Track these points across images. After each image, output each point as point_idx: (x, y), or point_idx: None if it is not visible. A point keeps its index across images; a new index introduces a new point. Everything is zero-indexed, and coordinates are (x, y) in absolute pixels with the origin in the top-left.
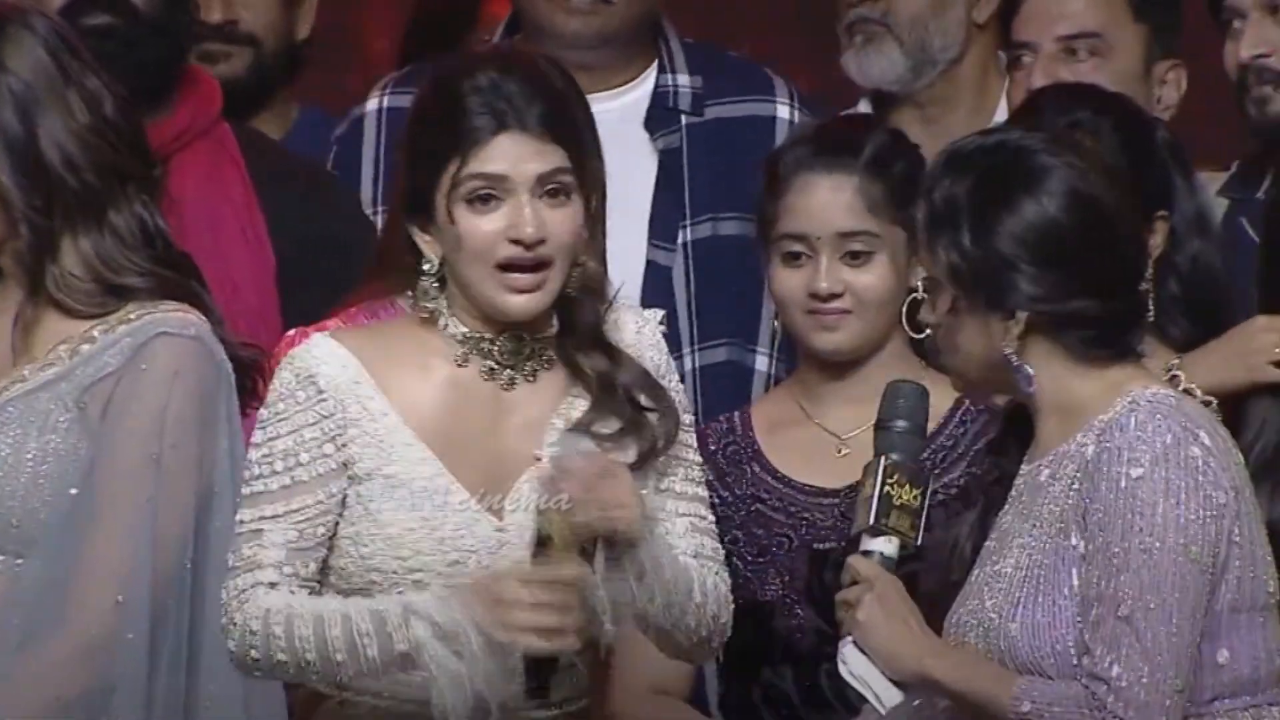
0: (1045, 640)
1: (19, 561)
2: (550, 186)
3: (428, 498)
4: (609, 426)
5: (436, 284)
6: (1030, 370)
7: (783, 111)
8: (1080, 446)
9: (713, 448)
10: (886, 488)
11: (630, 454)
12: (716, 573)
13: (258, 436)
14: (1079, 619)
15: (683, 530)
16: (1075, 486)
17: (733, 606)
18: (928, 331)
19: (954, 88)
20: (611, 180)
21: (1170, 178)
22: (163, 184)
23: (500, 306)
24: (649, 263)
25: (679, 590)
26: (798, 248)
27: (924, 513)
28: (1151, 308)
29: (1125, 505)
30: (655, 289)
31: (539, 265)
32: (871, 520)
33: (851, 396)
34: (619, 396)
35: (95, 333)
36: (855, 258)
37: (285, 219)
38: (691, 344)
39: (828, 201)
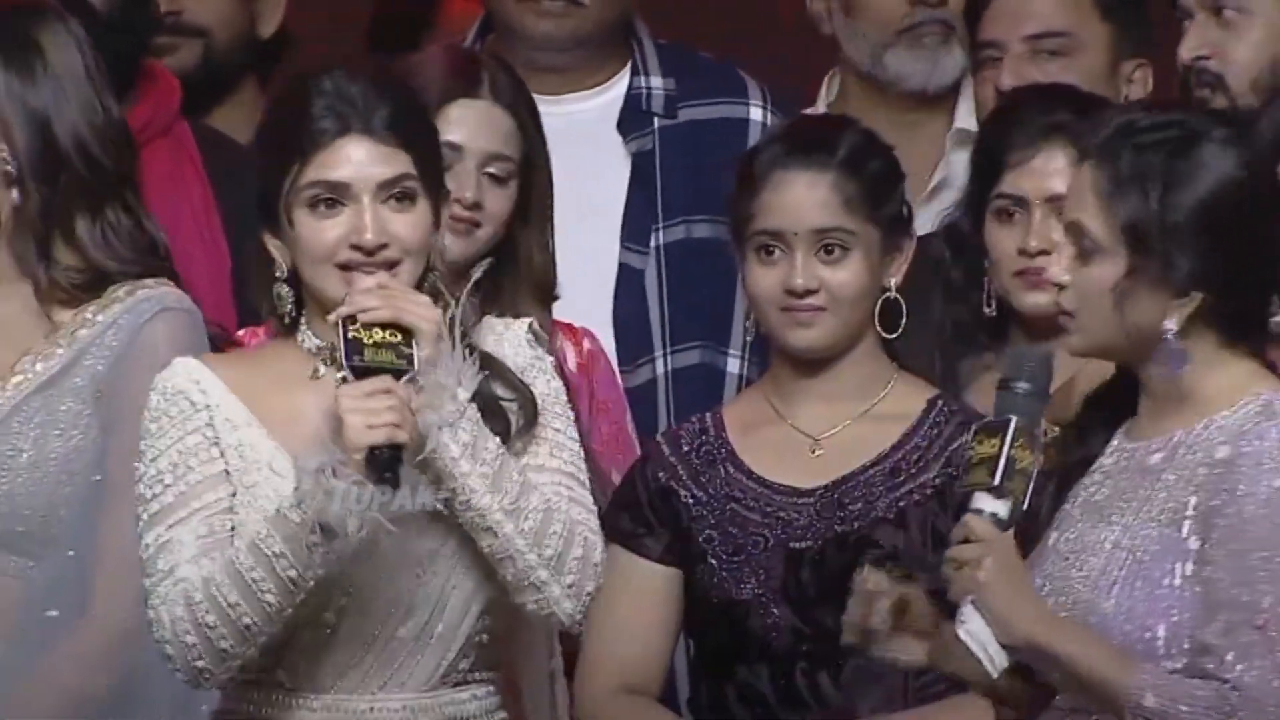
0: (1138, 625)
1: (32, 564)
2: (395, 191)
3: None
4: None
5: (289, 290)
6: (1186, 352)
7: (755, 113)
8: (1205, 441)
9: (685, 448)
10: (1014, 450)
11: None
12: (592, 530)
13: (140, 463)
14: (1174, 612)
15: (544, 482)
16: (1199, 484)
17: (600, 570)
18: (899, 332)
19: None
20: (584, 182)
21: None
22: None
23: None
24: (621, 265)
25: (515, 481)
26: (773, 244)
27: (1032, 481)
28: None
29: (1266, 516)
30: (627, 291)
31: (384, 267)
32: (996, 480)
33: (823, 395)
34: (476, 390)
35: (88, 314)
36: (830, 254)
37: (242, 218)
38: (664, 347)
39: (803, 198)
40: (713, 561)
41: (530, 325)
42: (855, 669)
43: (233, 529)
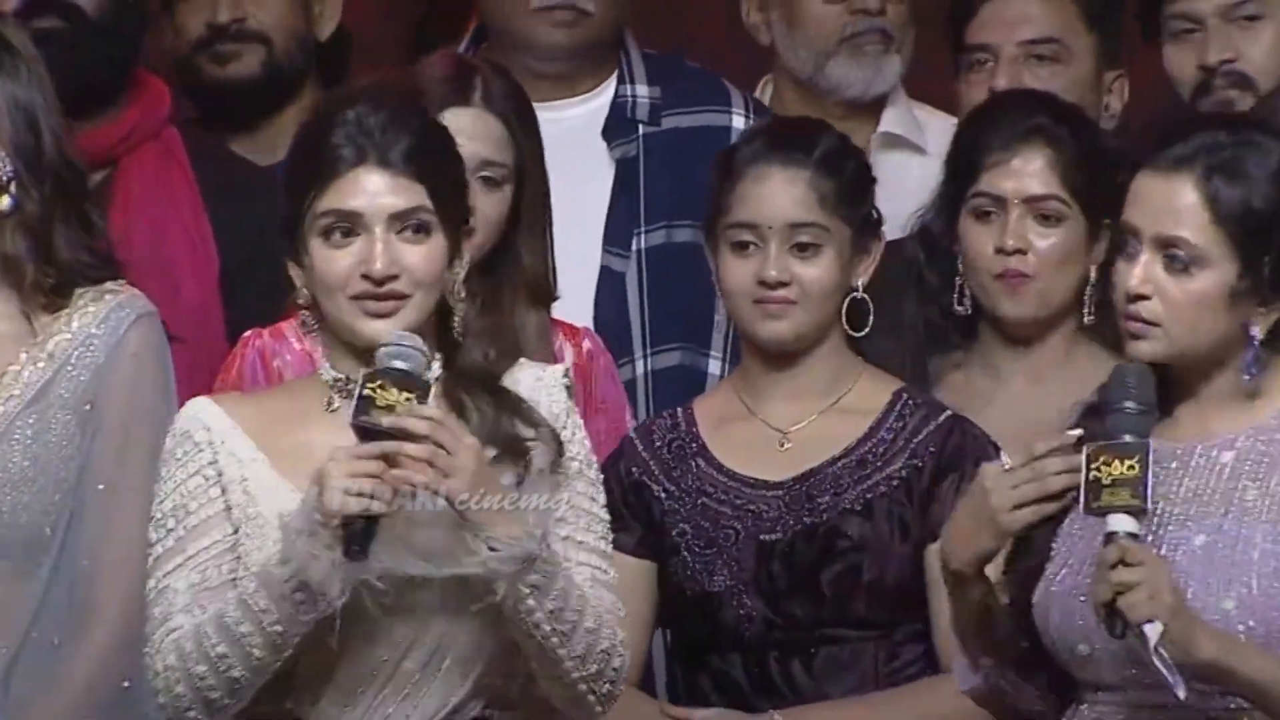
0: (1261, 620)
1: (29, 573)
2: (410, 223)
3: None
4: (487, 454)
5: (313, 318)
6: (1264, 356)
7: (738, 122)
8: None
9: (658, 443)
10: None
11: (508, 477)
12: (620, 628)
13: (153, 506)
14: None
15: (584, 580)
16: None
17: (627, 669)
18: (865, 331)
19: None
20: (568, 187)
21: (1117, 184)
22: (110, 185)
23: (358, 332)
24: (603, 268)
25: (570, 595)
26: (748, 237)
27: (1144, 481)
28: (1093, 311)
29: None
30: (609, 294)
31: (394, 298)
32: (1147, 503)
33: (791, 390)
34: (496, 427)
35: (62, 323)
36: (803, 250)
37: (234, 225)
38: (644, 348)
39: (780, 193)
40: (686, 555)
41: (566, 373)
42: (827, 657)
43: (230, 572)
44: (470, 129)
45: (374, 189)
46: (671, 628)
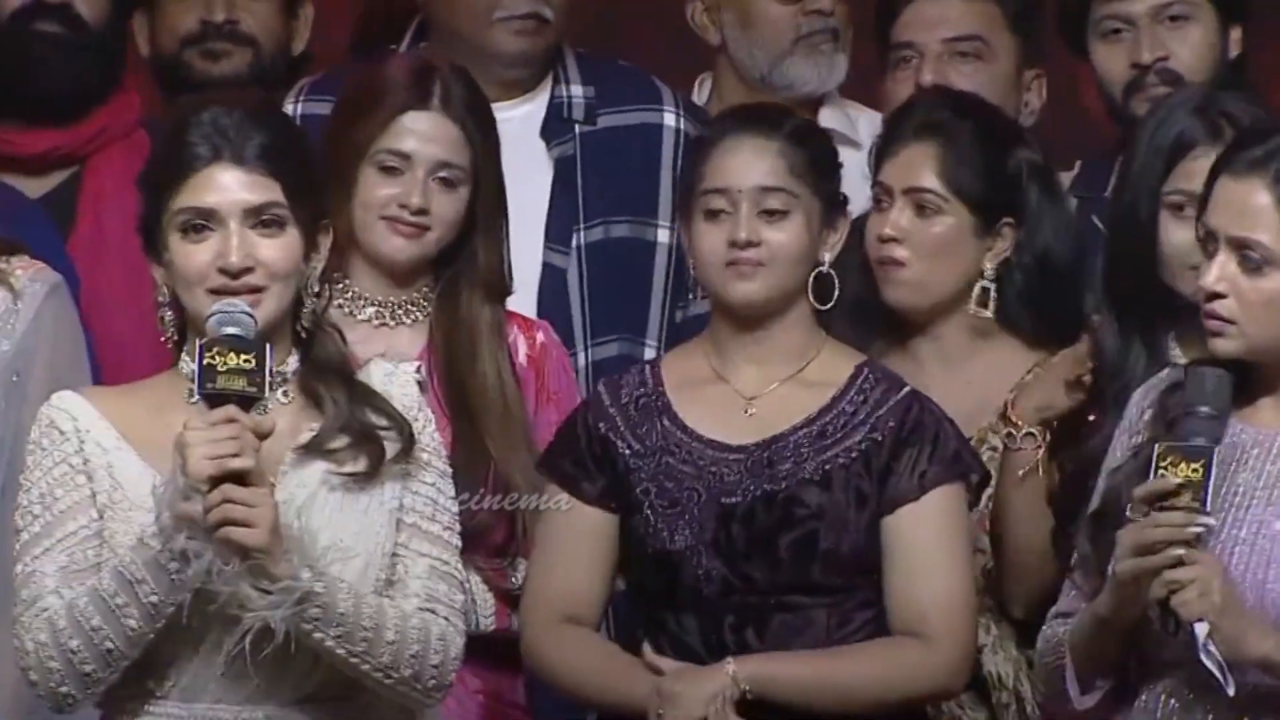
0: None
1: None
2: (263, 218)
3: None
4: (339, 443)
5: (171, 315)
6: None
7: (669, 119)
8: None
9: (625, 399)
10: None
11: (361, 464)
12: (446, 618)
13: (20, 494)
14: None
15: (421, 571)
16: None
17: (458, 659)
18: (831, 304)
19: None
20: (510, 186)
21: (1022, 187)
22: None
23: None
24: (545, 265)
25: (360, 617)
26: (720, 203)
27: (1206, 484)
28: (991, 309)
29: None
30: (551, 289)
31: (250, 291)
32: (1207, 506)
33: (757, 356)
34: (350, 416)
35: None
36: (772, 215)
37: None
38: (585, 340)
39: (750, 160)
40: (648, 513)
41: (419, 369)
42: (780, 623)
43: (95, 556)
44: (428, 132)
45: (228, 185)
46: (633, 585)
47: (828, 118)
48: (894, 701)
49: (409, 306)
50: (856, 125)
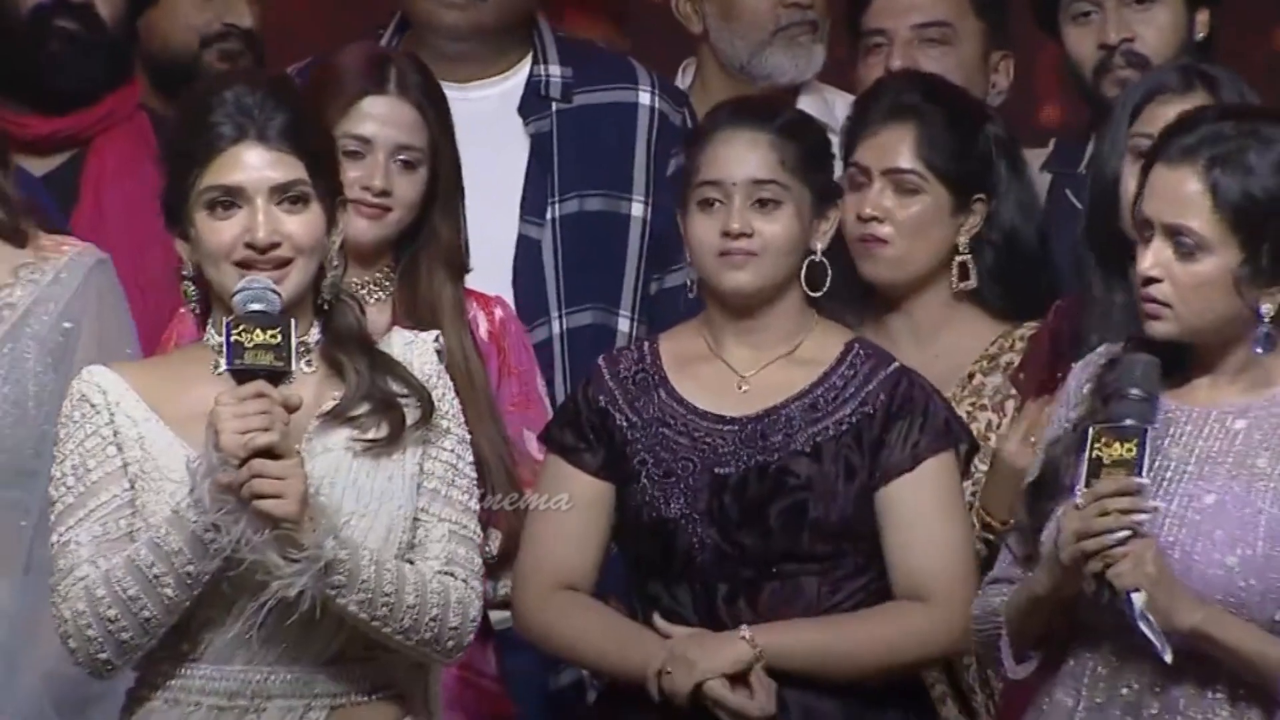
0: (1260, 578)
1: (20, 495)
2: (288, 195)
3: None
4: (361, 410)
5: (195, 289)
6: (1274, 335)
7: (644, 98)
8: None
9: (623, 374)
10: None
11: (383, 430)
12: (465, 580)
13: (53, 467)
14: None
15: (441, 535)
16: None
17: (476, 620)
18: (823, 290)
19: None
20: (487, 161)
21: (992, 165)
22: (82, 162)
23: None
24: (521, 236)
25: (381, 582)
26: (713, 194)
27: (1139, 463)
28: (974, 279)
29: None
30: (526, 259)
31: (277, 265)
32: (1142, 476)
33: (750, 340)
34: (372, 385)
35: (27, 272)
36: (764, 206)
37: None
38: (559, 309)
39: (743, 154)
40: (645, 482)
41: (438, 338)
42: (772, 592)
43: (128, 526)
44: (386, 115)
45: (254, 163)
46: (627, 553)
47: (806, 104)
48: (901, 664)
49: (371, 286)
50: (834, 110)
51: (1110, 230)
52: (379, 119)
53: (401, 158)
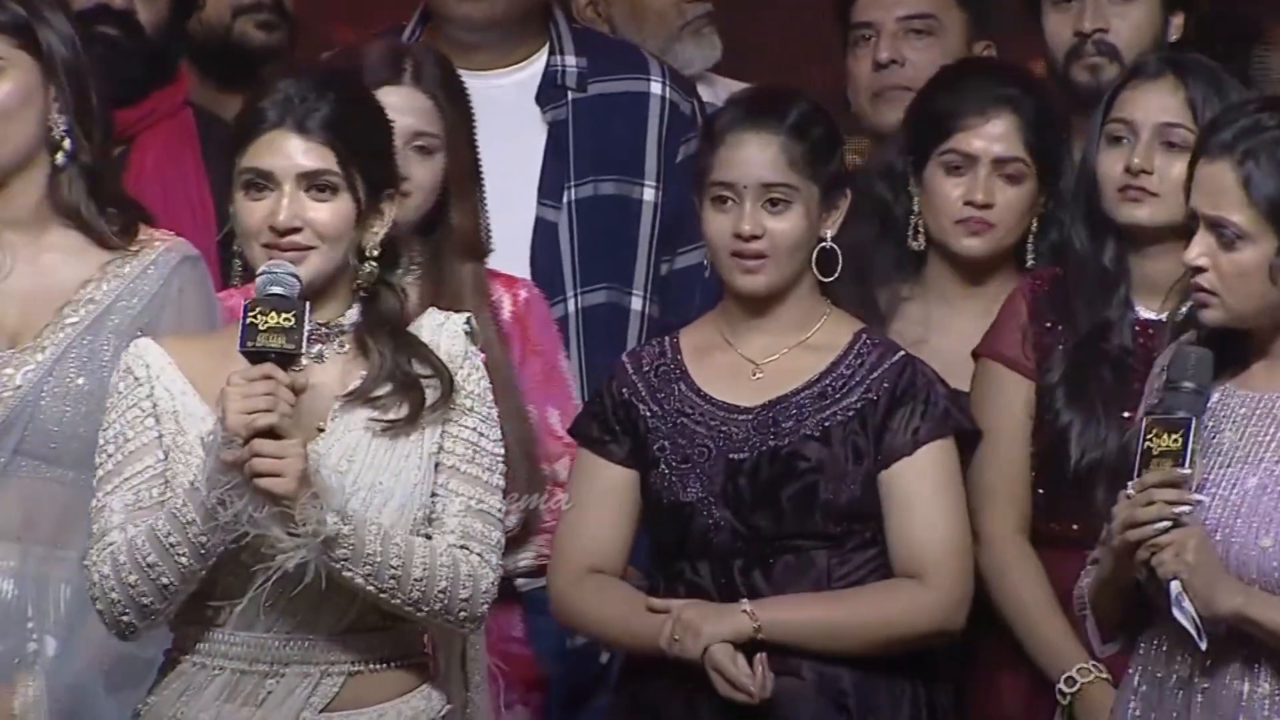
0: None
1: (84, 476)
2: (316, 183)
3: None
4: (382, 391)
5: (240, 262)
6: None
7: (655, 88)
8: None
9: (646, 368)
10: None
11: (403, 410)
12: (480, 554)
13: (99, 434)
14: None
15: (457, 509)
16: None
17: (490, 593)
18: (834, 277)
19: None
20: (505, 147)
21: (1064, 148)
22: (127, 156)
23: None
24: (538, 219)
25: (387, 556)
26: (726, 194)
27: (1184, 454)
28: (1032, 256)
29: None
30: (543, 241)
31: (297, 250)
32: (1186, 467)
33: (766, 329)
34: (394, 366)
35: (116, 265)
36: (774, 205)
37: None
38: (575, 288)
39: (754, 156)
40: (664, 468)
41: (469, 320)
42: (784, 566)
43: (160, 495)
44: (403, 104)
45: (287, 150)
46: (651, 533)
47: (705, 92)
48: (897, 639)
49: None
50: (718, 92)
51: (1091, 207)
52: (395, 108)
53: (417, 144)
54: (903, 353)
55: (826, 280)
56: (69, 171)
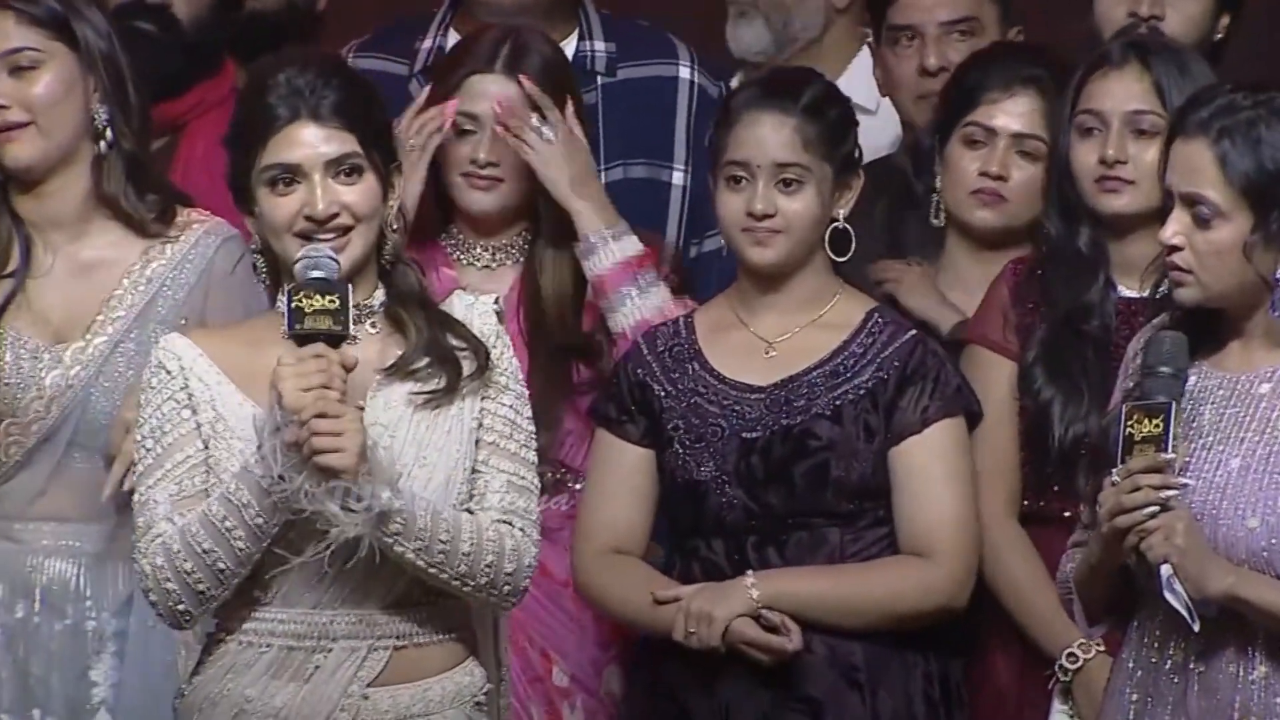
0: None
1: None
2: (343, 167)
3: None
4: (420, 363)
5: (263, 261)
6: None
7: (684, 72)
8: None
9: (660, 348)
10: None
11: (441, 381)
12: (522, 529)
13: (135, 431)
14: None
15: (499, 486)
16: None
17: (532, 566)
18: (848, 255)
19: (813, 63)
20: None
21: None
22: (174, 146)
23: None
24: None
25: (437, 530)
26: (740, 173)
27: (1165, 438)
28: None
29: None
30: None
31: (338, 234)
32: (1169, 451)
33: (778, 307)
34: (431, 340)
35: (157, 252)
36: (787, 185)
37: None
38: None
39: (768, 136)
40: (678, 447)
41: (497, 300)
42: (796, 542)
43: (203, 484)
44: (491, 93)
45: (309, 141)
46: (667, 511)
47: None
48: (899, 615)
49: (498, 253)
50: None
51: (1063, 194)
52: (484, 96)
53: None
54: (914, 331)
55: (840, 260)
56: (110, 159)
